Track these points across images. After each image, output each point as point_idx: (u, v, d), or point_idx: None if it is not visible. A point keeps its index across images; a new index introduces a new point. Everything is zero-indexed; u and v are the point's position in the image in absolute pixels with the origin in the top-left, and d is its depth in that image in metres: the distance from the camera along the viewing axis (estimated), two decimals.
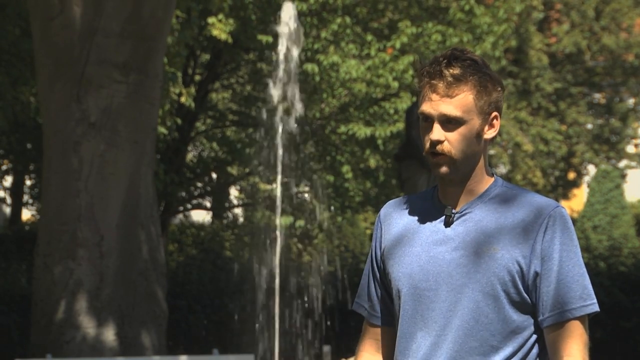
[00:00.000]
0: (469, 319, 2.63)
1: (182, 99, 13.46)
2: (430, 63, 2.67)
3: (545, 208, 2.66)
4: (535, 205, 2.67)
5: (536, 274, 2.63)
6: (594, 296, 2.67)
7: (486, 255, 2.63)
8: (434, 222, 2.72)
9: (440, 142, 2.65)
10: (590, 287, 2.67)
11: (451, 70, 2.63)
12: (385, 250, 2.78)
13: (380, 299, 2.84)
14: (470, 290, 2.63)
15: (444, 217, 2.71)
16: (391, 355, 2.82)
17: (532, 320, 2.66)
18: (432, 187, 2.80)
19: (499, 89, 2.70)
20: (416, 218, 2.76)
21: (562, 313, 2.63)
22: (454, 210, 2.70)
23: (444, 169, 2.66)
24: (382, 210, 2.86)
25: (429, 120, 2.67)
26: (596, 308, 2.65)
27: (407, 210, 2.79)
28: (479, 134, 2.68)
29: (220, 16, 13.36)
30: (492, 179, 2.73)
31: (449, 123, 2.65)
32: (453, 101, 2.63)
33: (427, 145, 2.67)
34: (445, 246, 2.68)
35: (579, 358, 2.62)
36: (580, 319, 2.64)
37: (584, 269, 2.68)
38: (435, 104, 2.64)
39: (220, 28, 13.17)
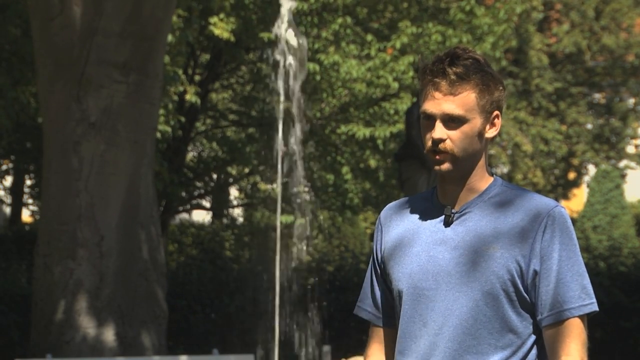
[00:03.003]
0: (468, 318, 2.63)
1: (188, 96, 13.45)
2: (433, 61, 2.66)
3: (545, 208, 2.66)
4: (534, 205, 2.67)
5: (535, 273, 2.63)
6: (593, 296, 2.66)
7: (485, 255, 2.63)
8: (433, 222, 2.72)
9: (442, 140, 2.65)
10: (589, 286, 2.66)
11: (454, 69, 2.63)
12: (386, 252, 2.78)
13: (383, 301, 2.84)
14: (470, 289, 2.63)
15: (443, 216, 2.71)
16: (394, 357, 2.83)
17: (531, 320, 2.66)
18: (432, 188, 2.80)
19: (501, 88, 2.70)
20: (416, 219, 2.76)
21: (560, 312, 2.62)
22: (453, 210, 2.70)
23: (445, 166, 2.66)
24: (383, 213, 2.86)
25: (431, 118, 2.67)
26: (595, 308, 2.65)
27: (407, 212, 2.79)
28: (480, 133, 2.68)
29: (222, 15, 13.35)
30: (492, 179, 2.73)
31: (451, 122, 2.65)
32: (456, 100, 2.63)
33: (429, 143, 2.67)
34: (444, 246, 2.68)
35: (577, 358, 2.62)
36: (579, 318, 2.63)
37: (584, 269, 2.67)
38: (438, 103, 2.64)
39: (222, 27, 13.15)
